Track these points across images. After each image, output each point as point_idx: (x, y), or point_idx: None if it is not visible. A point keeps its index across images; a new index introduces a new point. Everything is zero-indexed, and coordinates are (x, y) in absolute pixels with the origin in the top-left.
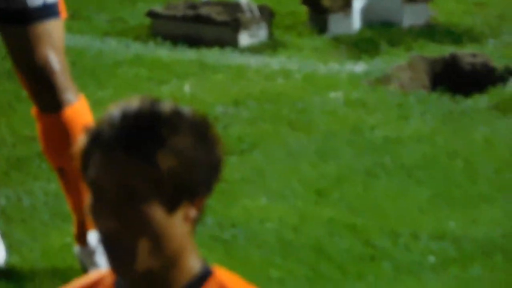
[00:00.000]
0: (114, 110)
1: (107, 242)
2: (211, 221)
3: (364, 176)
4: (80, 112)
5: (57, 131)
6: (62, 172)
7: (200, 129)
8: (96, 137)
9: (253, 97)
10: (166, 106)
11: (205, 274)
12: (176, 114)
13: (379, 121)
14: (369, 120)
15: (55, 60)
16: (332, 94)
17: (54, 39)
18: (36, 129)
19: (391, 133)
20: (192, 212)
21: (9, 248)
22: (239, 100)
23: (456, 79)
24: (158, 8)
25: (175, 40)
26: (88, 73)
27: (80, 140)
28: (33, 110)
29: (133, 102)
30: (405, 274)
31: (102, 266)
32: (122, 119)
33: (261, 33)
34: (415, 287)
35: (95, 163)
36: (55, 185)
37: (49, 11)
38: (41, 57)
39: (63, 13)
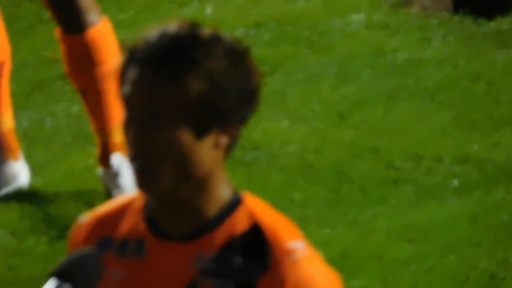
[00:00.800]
0: (153, 30)
1: (135, 159)
2: None
3: (386, 98)
4: (103, 33)
5: (80, 52)
6: (86, 94)
7: (237, 56)
8: (132, 54)
9: (274, 19)
10: (205, 30)
11: (236, 202)
12: (214, 39)
13: (400, 44)
14: (390, 42)
15: None
16: (354, 17)
17: None
18: (59, 50)
19: (412, 56)
20: (223, 140)
21: (32, 170)
22: (260, 22)
23: (479, 1)
24: None
25: None
26: None
27: (120, 57)
28: (56, 32)
29: (173, 24)
30: (428, 197)
31: (124, 188)
32: (159, 39)
33: None
34: (437, 210)
35: (128, 79)
36: (78, 107)
37: None
38: None
39: None
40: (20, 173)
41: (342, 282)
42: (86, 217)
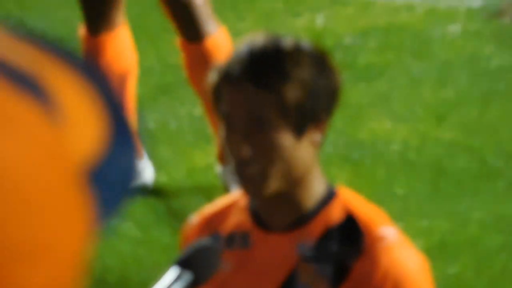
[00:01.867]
0: (241, 47)
1: (241, 168)
2: (341, 142)
3: (480, 101)
4: (220, 42)
5: (199, 60)
6: (205, 97)
7: (320, 60)
8: (226, 73)
9: (379, 28)
10: (288, 41)
11: (330, 195)
12: (297, 48)
13: (493, 51)
14: (484, 50)
15: None
16: (451, 26)
17: None
18: (182, 57)
19: (504, 62)
20: (317, 136)
21: (157, 168)
22: (366, 32)
23: None
24: None
25: None
26: (228, 6)
27: (211, 77)
28: (178, 40)
29: (258, 39)
30: None
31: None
32: (249, 56)
33: None
34: None
35: (227, 97)
36: (200, 109)
37: None
38: None
39: None
40: (145, 171)
41: (440, 269)
42: (196, 218)
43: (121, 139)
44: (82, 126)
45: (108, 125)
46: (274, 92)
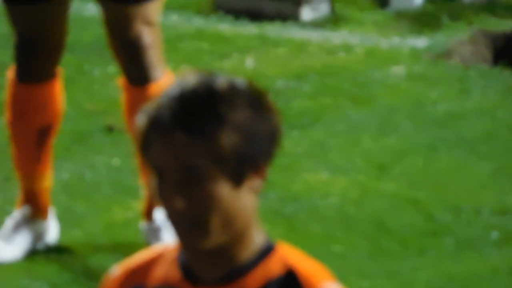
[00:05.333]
0: (170, 89)
1: (176, 221)
2: (273, 195)
3: (426, 150)
4: (165, 88)
5: (141, 104)
6: None
7: (256, 101)
8: (155, 120)
9: (314, 71)
10: (222, 81)
11: (268, 249)
12: (232, 89)
13: (440, 96)
14: (430, 94)
15: (148, 36)
16: (394, 69)
17: (150, 17)
18: (99, 103)
19: (452, 108)
20: (257, 182)
21: (72, 222)
22: (300, 74)
23: None
24: None
25: (237, 14)
26: None
27: (139, 122)
28: (119, 80)
29: (189, 79)
30: (467, 249)
31: (167, 243)
32: (179, 99)
33: (323, 7)
34: (477, 262)
35: (156, 146)
36: (118, 159)
37: None
38: (135, 33)
39: None
40: (49, 231)
41: None
42: (117, 269)
43: None
44: None
45: None
46: (208, 139)
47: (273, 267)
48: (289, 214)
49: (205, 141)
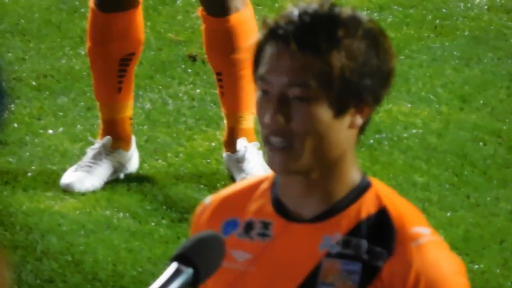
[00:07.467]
0: (293, 7)
1: (272, 139)
2: None
3: (508, 81)
4: (246, 20)
5: (221, 35)
6: (221, 76)
7: (375, 38)
8: (273, 31)
9: (397, 2)
10: (344, 9)
11: (365, 186)
12: (354, 19)
13: None
14: None
15: None
16: (476, 0)
17: None
18: (182, 32)
19: None
20: (358, 120)
21: (154, 152)
22: (383, 5)
23: None
24: None
25: None
26: None
27: (257, 34)
28: (199, 11)
29: (312, 3)
30: None
31: (249, 174)
32: (300, 16)
33: None
34: None
35: (267, 56)
36: (201, 89)
37: None
38: None
39: None
40: (131, 160)
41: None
42: (210, 199)
43: None
44: None
45: None
46: (320, 57)
47: (367, 205)
48: (372, 144)
49: (316, 58)
